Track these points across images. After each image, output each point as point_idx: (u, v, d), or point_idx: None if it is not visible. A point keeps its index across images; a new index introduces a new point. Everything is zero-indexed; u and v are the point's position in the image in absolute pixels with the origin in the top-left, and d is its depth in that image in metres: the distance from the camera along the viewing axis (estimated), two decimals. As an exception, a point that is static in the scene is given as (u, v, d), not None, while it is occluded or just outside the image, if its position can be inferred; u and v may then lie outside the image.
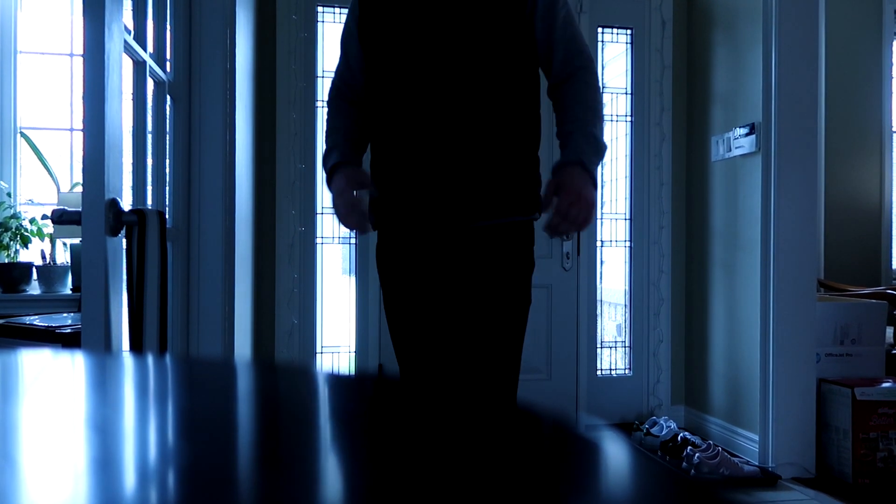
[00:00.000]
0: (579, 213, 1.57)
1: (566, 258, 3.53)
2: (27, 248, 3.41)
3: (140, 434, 0.38)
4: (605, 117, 3.66)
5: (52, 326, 2.09)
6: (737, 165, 3.21)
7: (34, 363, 0.59)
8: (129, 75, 1.64)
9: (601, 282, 3.68)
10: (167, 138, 1.95)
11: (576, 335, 3.57)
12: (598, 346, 3.67)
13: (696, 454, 2.87)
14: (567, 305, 3.56)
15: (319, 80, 3.40)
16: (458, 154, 1.63)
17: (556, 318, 3.55)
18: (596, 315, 3.64)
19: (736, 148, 3.19)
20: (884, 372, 3.12)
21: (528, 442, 0.39)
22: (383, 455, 0.35)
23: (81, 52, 1.32)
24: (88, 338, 1.31)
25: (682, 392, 3.66)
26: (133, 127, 1.69)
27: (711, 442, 3.10)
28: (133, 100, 1.71)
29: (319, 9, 3.41)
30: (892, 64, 4.47)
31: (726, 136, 3.27)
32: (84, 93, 1.30)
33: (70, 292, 3.32)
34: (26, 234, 3.37)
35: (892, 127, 4.47)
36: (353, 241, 3.44)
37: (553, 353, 3.54)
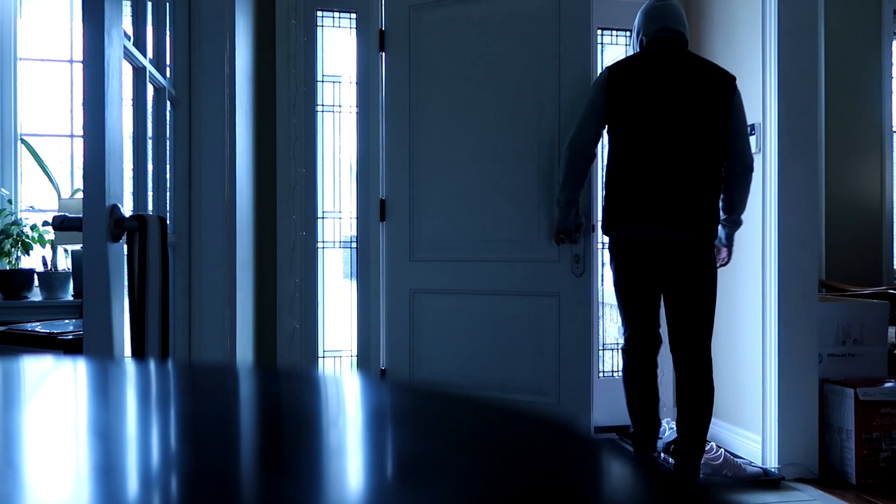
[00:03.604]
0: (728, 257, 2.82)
1: (575, 262, 3.52)
2: (28, 254, 3.41)
3: (143, 440, 0.38)
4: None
5: (53, 333, 2.09)
6: (737, 166, 3.21)
7: (36, 370, 0.59)
8: (129, 81, 1.64)
9: (602, 284, 3.68)
10: (167, 143, 1.95)
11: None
12: (601, 348, 3.67)
13: (699, 456, 2.87)
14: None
15: (319, 84, 3.40)
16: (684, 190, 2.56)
17: (564, 323, 3.54)
18: (598, 317, 3.64)
19: (736, 149, 3.19)
20: (886, 372, 3.12)
21: (528, 442, 0.39)
22: (393, 460, 0.35)
23: (81, 59, 1.32)
24: (90, 344, 1.31)
25: (684, 393, 3.65)
26: (133, 132, 1.70)
27: (714, 443, 3.10)
28: (133, 105, 1.71)
29: (319, 13, 3.41)
30: (892, 64, 4.47)
31: (726, 136, 3.27)
32: (84, 99, 1.30)
33: (72, 299, 3.32)
34: (27, 240, 3.38)
35: (892, 126, 4.47)
36: (354, 245, 3.44)
37: (562, 357, 3.53)
